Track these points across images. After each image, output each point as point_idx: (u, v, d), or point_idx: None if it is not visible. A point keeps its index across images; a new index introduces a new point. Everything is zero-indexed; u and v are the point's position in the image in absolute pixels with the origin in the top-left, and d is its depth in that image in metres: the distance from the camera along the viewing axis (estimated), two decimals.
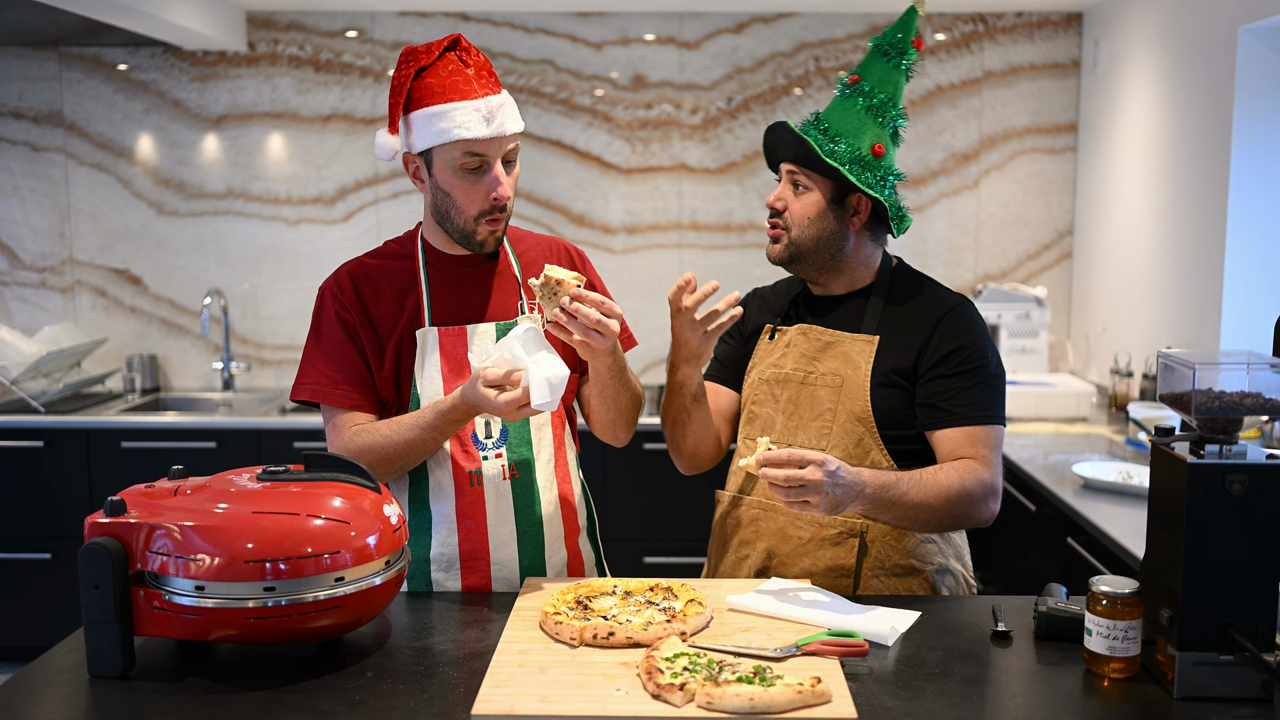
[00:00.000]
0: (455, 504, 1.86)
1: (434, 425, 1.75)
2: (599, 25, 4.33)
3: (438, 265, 1.90)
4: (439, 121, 1.74)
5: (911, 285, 1.96)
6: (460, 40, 1.81)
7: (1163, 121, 3.64)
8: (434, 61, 1.77)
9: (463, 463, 1.86)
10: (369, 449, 1.79)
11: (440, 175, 1.79)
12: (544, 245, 2.00)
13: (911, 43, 1.90)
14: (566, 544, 1.94)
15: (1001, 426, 1.87)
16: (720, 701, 1.34)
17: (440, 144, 1.76)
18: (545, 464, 1.91)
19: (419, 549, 1.88)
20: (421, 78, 1.77)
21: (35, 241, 4.41)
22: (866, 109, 1.87)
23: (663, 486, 3.91)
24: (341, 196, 4.42)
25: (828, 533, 1.86)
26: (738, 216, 4.45)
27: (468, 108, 1.74)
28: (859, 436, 1.86)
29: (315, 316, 1.89)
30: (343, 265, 1.91)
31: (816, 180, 1.88)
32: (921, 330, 1.88)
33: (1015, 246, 4.46)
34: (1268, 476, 1.38)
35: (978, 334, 1.88)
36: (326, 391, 1.84)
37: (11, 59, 4.30)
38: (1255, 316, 3.21)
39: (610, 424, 1.93)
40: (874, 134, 1.87)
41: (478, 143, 1.75)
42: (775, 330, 2.01)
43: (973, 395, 1.84)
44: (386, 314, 1.86)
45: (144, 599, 1.47)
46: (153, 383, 4.44)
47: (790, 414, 1.92)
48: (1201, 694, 1.41)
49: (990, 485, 1.82)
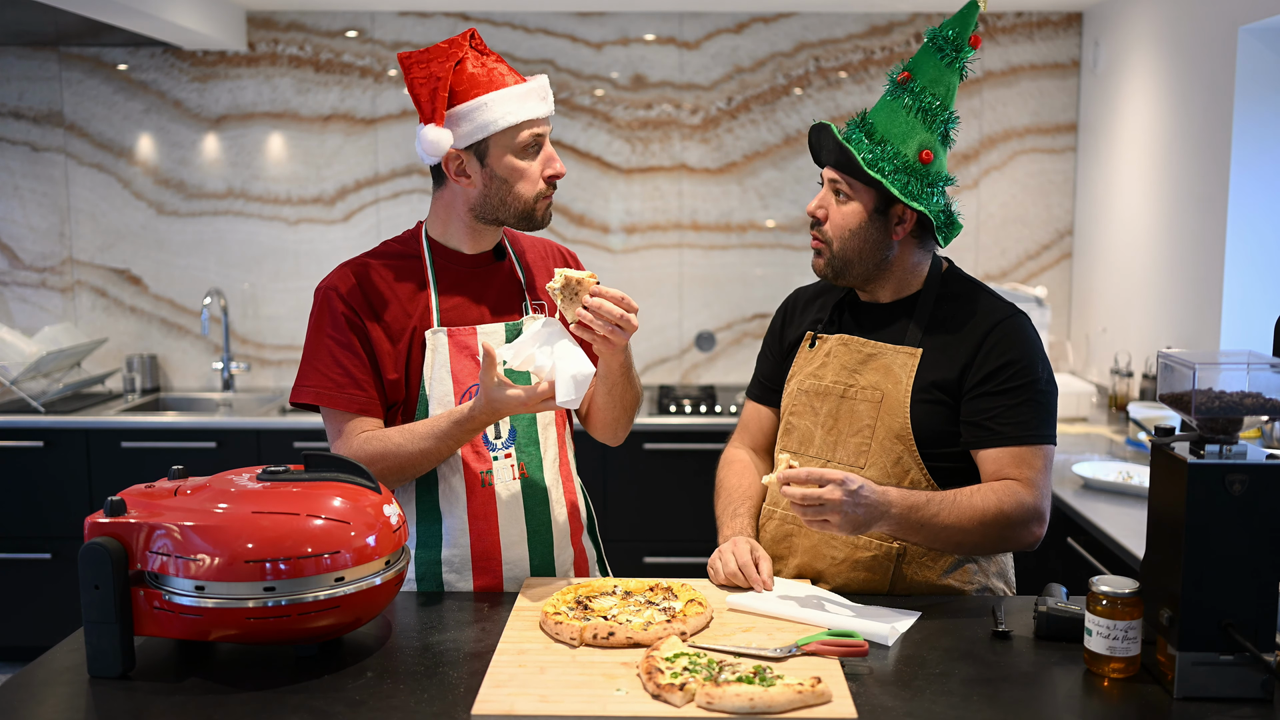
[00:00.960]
0: (467, 505, 1.85)
1: (451, 435, 1.74)
2: (599, 25, 4.33)
3: (446, 264, 1.88)
4: (496, 107, 1.76)
5: (961, 294, 1.86)
6: (476, 35, 1.83)
7: (1163, 121, 3.64)
8: (465, 55, 1.79)
9: (474, 464, 1.85)
10: (382, 457, 1.76)
11: (498, 163, 1.79)
12: (539, 246, 2.00)
13: (969, 40, 1.78)
14: (573, 542, 1.94)
15: (1051, 446, 1.78)
16: (720, 701, 1.34)
17: (502, 129, 1.76)
18: (552, 463, 1.91)
19: (430, 551, 1.86)
20: (459, 71, 1.77)
21: (35, 241, 4.41)
22: (917, 111, 1.77)
23: (663, 486, 3.91)
24: (341, 196, 4.42)
25: (862, 555, 1.80)
26: (738, 216, 4.45)
27: (525, 90, 1.78)
28: (898, 455, 1.80)
29: (316, 317, 1.83)
30: (344, 265, 1.86)
31: (859, 189, 1.79)
32: (968, 344, 1.80)
33: (1015, 246, 4.46)
34: (1268, 476, 1.38)
35: (1028, 348, 1.79)
36: (331, 395, 1.80)
37: (11, 59, 4.30)
38: (1255, 316, 3.21)
39: (613, 422, 1.92)
40: (922, 138, 1.77)
41: (539, 121, 1.79)
42: (816, 338, 1.93)
43: (1020, 414, 1.75)
44: (395, 315, 1.83)
45: (144, 599, 1.47)
46: (153, 383, 4.44)
47: (830, 428, 1.86)
48: (1201, 694, 1.41)
49: (1033, 509, 1.74)
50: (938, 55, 1.78)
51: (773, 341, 2.03)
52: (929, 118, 1.77)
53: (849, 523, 1.62)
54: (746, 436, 2.06)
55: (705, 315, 4.49)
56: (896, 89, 1.80)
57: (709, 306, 4.49)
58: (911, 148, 1.76)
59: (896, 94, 1.80)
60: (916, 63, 1.80)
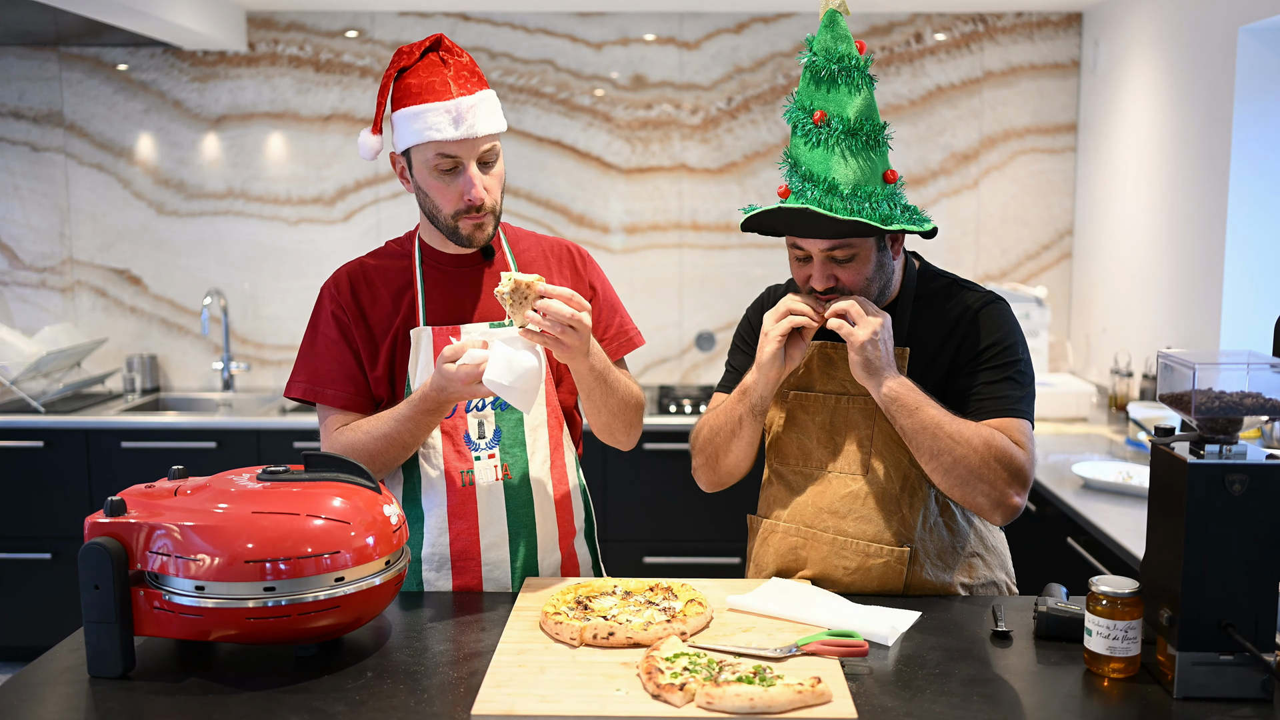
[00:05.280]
0: (447, 504, 1.86)
1: (408, 417, 1.76)
2: (599, 25, 4.33)
3: (434, 265, 1.90)
4: (413, 122, 1.76)
5: (938, 289, 1.88)
6: (443, 40, 1.81)
7: (1163, 121, 3.64)
8: (415, 62, 1.79)
9: (455, 463, 1.86)
10: (352, 446, 1.80)
11: (419, 175, 1.81)
12: (545, 246, 2.00)
13: (856, 50, 1.71)
14: (561, 546, 1.93)
15: (1032, 425, 1.79)
16: (720, 701, 1.34)
17: (415, 144, 1.77)
18: (540, 465, 1.90)
19: (411, 548, 1.87)
20: (403, 78, 1.79)
21: (35, 241, 4.41)
22: (861, 146, 1.70)
23: (663, 487, 3.91)
24: (341, 196, 4.42)
25: (874, 562, 1.80)
26: (738, 216, 4.43)
27: (439, 109, 1.74)
28: (898, 460, 1.80)
29: (313, 315, 1.91)
30: (343, 265, 1.93)
31: (860, 243, 1.74)
32: (954, 337, 1.82)
33: (1015, 246, 4.46)
34: (1268, 476, 1.38)
35: (1010, 330, 1.82)
36: (318, 390, 1.86)
37: (11, 59, 4.30)
38: (1255, 316, 3.21)
39: (605, 427, 1.91)
40: (878, 164, 1.72)
41: (448, 144, 1.75)
42: None
43: (1003, 389, 1.78)
44: (382, 314, 1.87)
45: (144, 599, 1.47)
46: (153, 383, 4.44)
47: (826, 436, 1.86)
48: (1201, 694, 1.40)
49: (1022, 465, 1.72)
50: (843, 84, 1.69)
51: (750, 337, 1.98)
52: (872, 141, 1.71)
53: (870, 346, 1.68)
54: None
55: (705, 315, 4.49)
56: (818, 131, 1.70)
57: (709, 306, 4.49)
58: (877, 179, 1.72)
59: (825, 138, 1.70)
60: (820, 100, 1.70)
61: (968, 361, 1.81)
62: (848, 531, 1.82)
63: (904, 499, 1.81)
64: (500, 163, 1.84)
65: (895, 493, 1.80)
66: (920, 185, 4.41)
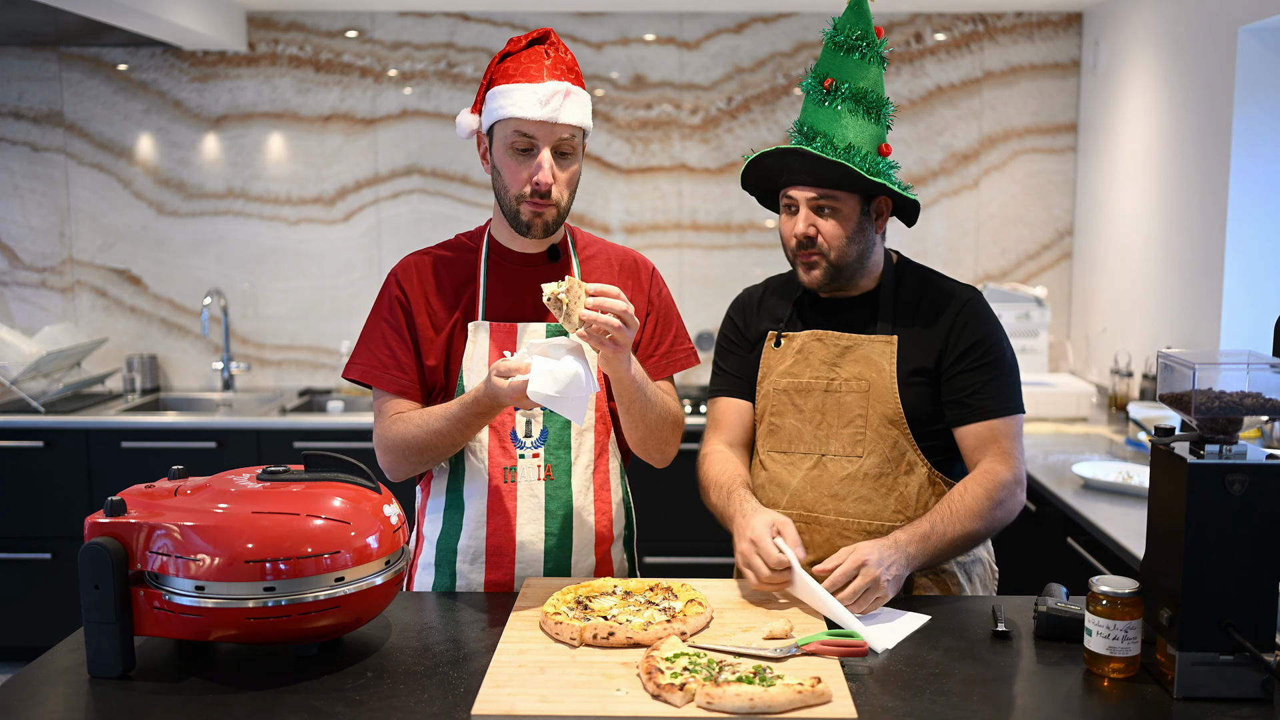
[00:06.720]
0: (487, 498, 1.87)
1: (459, 417, 1.76)
2: (599, 25, 4.33)
3: (499, 260, 1.92)
4: (500, 99, 1.78)
5: (918, 280, 1.96)
6: (550, 35, 1.85)
7: (1163, 121, 3.64)
8: (520, 49, 1.82)
9: (500, 459, 1.87)
10: (403, 438, 1.82)
11: (496, 153, 1.83)
12: (612, 254, 1.98)
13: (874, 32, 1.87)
14: (596, 551, 1.93)
15: (1021, 415, 1.89)
16: (720, 701, 1.34)
17: (498, 120, 1.79)
18: (583, 469, 1.91)
19: (448, 539, 1.90)
20: (503, 62, 1.82)
21: (35, 241, 4.41)
22: (863, 111, 1.84)
23: (662, 487, 3.90)
24: (341, 196, 4.42)
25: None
26: (738, 216, 4.45)
27: (527, 89, 1.77)
28: (893, 439, 1.87)
29: (378, 300, 1.93)
30: (410, 254, 1.95)
31: (845, 197, 1.85)
32: (940, 327, 1.89)
33: (1015, 246, 4.46)
34: (1268, 476, 1.38)
35: (992, 325, 1.91)
36: (375, 374, 1.88)
37: (11, 59, 4.30)
38: (1255, 316, 3.21)
39: (641, 441, 1.89)
40: (875, 133, 1.85)
41: (527, 123, 1.77)
42: (780, 336, 1.96)
43: (994, 388, 1.87)
44: (443, 305, 1.89)
45: (144, 599, 1.47)
46: (153, 383, 4.44)
47: (818, 424, 1.90)
48: (1201, 694, 1.41)
49: (1013, 481, 1.84)
50: (854, 55, 1.84)
51: (737, 338, 2.04)
52: (873, 113, 1.84)
53: (895, 584, 1.69)
54: (725, 433, 2.03)
55: (705, 315, 4.49)
56: (826, 96, 1.84)
57: (709, 306, 4.49)
58: (874, 147, 1.84)
59: (830, 101, 1.84)
60: (834, 68, 1.85)
61: (960, 356, 1.88)
62: (849, 512, 1.88)
63: (900, 476, 1.87)
64: (578, 162, 1.84)
65: (891, 470, 1.87)
66: (920, 185, 4.41)
